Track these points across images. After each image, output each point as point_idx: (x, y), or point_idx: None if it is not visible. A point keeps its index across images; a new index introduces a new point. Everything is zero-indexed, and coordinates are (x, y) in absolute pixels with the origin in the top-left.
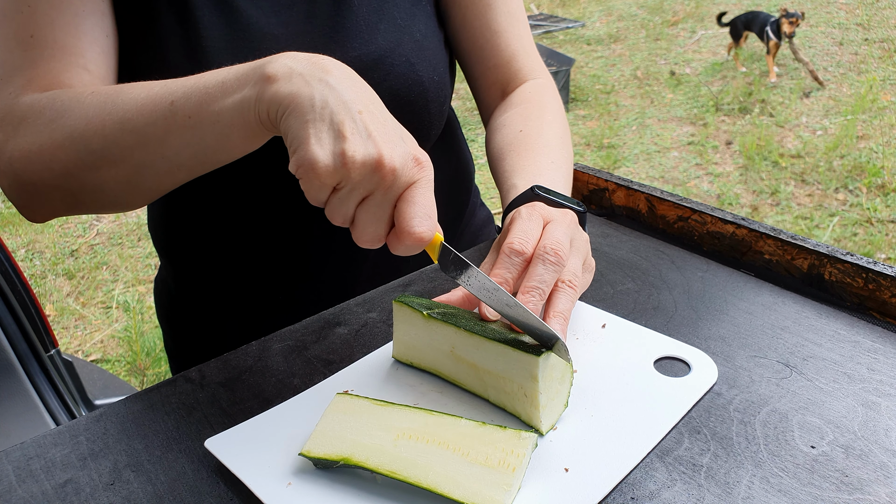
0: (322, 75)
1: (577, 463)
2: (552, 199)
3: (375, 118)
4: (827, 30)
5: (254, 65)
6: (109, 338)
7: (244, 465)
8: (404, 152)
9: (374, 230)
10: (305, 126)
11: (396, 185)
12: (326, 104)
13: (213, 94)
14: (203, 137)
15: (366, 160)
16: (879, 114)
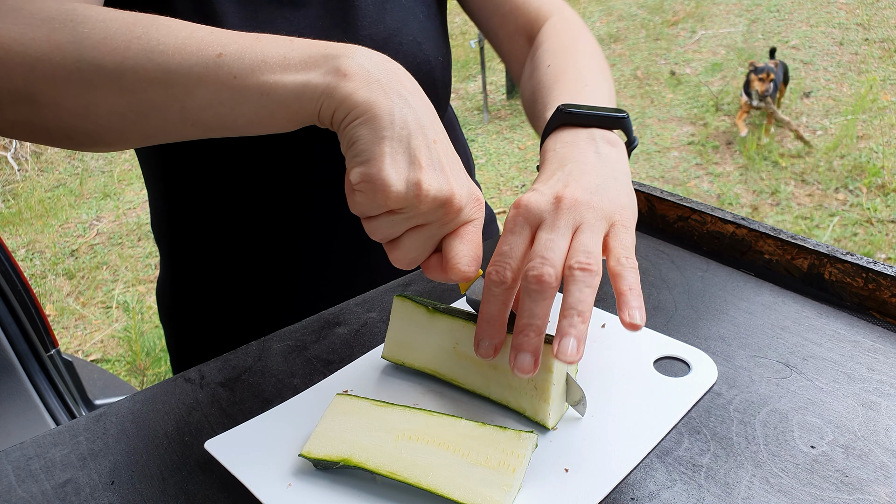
0: (400, 89)
1: (576, 463)
2: (584, 115)
3: (447, 151)
4: (827, 30)
5: (323, 51)
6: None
7: (244, 467)
8: (470, 191)
9: (416, 256)
10: (381, 143)
11: (456, 221)
12: (406, 124)
13: (272, 64)
14: (241, 103)
15: (438, 195)
16: (879, 114)
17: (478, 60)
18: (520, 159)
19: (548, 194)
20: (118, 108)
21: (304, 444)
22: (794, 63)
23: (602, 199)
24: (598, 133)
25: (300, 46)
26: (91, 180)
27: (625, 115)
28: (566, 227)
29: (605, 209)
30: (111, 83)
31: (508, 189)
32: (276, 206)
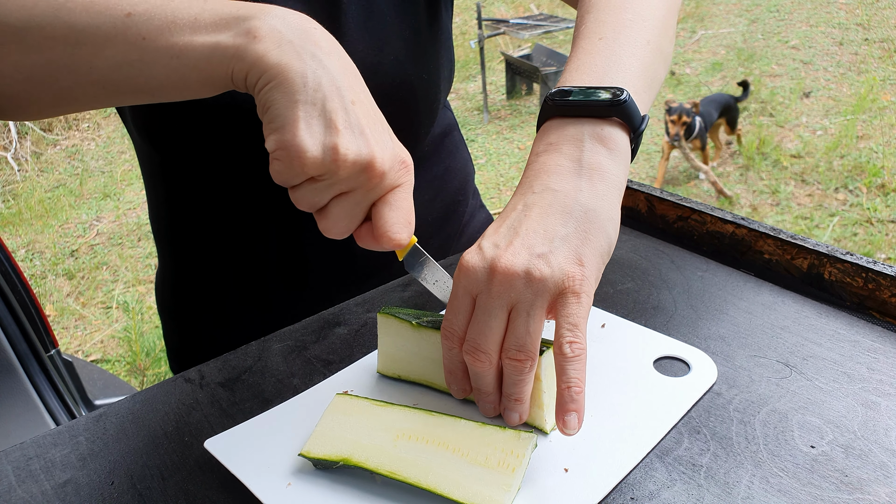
0: (314, 49)
1: (576, 463)
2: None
3: (368, 112)
4: (827, 30)
5: (236, 12)
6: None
7: (244, 466)
8: (393, 154)
9: (346, 224)
10: (294, 107)
11: (381, 186)
12: (320, 86)
13: (182, 25)
14: (151, 65)
15: (357, 159)
16: (879, 114)
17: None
18: (520, 159)
19: (488, 257)
20: (24, 68)
21: (304, 443)
22: (793, 63)
23: (549, 265)
24: (588, 130)
25: (213, 7)
26: (91, 180)
27: (623, 98)
28: (500, 308)
29: (550, 279)
30: (17, 41)
31: (508, 189)
32: (275, 205)
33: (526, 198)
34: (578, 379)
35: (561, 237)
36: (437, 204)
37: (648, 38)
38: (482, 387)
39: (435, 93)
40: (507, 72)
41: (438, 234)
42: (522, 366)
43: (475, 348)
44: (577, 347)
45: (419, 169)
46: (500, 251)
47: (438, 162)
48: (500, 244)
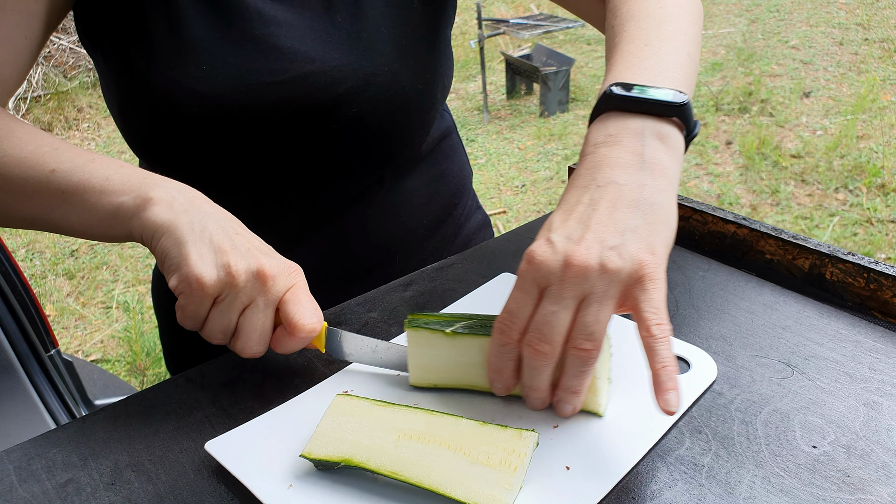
0: (198, 210)
1: (577, 461)
2: (634, 101)
3: (251, 240)
4: (827, 30)
5: (139, 179)
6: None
7: (245, 468)
8: (280, 261)
9: (259, 336)
10: (185, 246)
11: (276, 289)
12: (205, 228)
13: (94, 185)
14: (68, 214)
15: (248, 269)
16: (879, 114)
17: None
18: (520, 159)
19: (560, 251)
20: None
21: (305, 444)
22: (793, 63)
23: (622, 257)
24: (649, 126)
25: (122, 173)
26: None
27: (685, 101)
28: (571, 299)
29: (623, 270)
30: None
31: (508, 189)
32: (273, 209)
33: (591, 191)
34: (670, 358)
35: (631, 229)
36: (434, 206)
37: (689, 50)
38: (537, 382)
39: (431, 101)
40: (507, 72)
41: (434, 236)
42: (588, 356)
43: (540, 339)
44: (665, 328)
45: (415, 172)
46: (573, 245)
47: (435, 165)
48: (573, 237)
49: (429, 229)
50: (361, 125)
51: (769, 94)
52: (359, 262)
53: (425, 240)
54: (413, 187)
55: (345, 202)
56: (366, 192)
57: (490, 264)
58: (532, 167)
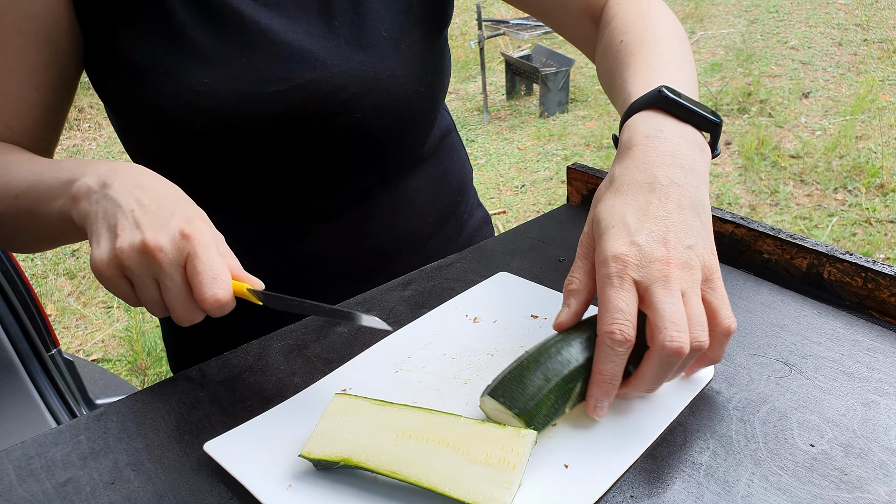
0: (104, 191)
1: (576, 459)
2: (684, 107)
3: (147, 209)
4: (826, 30)
5: (68, 174)
6: (110, 337)
7: (244, 468)
8: (170, 231)
9: (183, 308)
10: (91, 236)
11: (170, 262)
12: (106, 213)
13: (43, 197)
14: (43, 227)
15: (132, 246)
16: (878, 114)
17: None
18: (520, 159)
19: (652, 252)
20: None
21: (304, 444)
22: (793, 63)
23: (699, 255)
24: (690, 133)
25: (60, 176)
26: None
27: (720, 120)
28: (678, 292)
29: (699, 269)
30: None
31: (508, 189)
32: (273, 209)
33: (658, 191)
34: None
35: (696, 230)
36: (437, 205)
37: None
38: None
39: (432, 102)
40: (506, 72)
41: (438, 233)
42: (702, 350)
43: (679, 332)
44: (733, 324)
45: (418, 172)
46: (661, 245)
47: (437, 163)
48: (656, 237)
49: (433, 227)
50: (364, 130)
51: (768, 95)
52: (364, 262)
53: (430, 238)
54: (416, 187)
55: (348, 203)
56: (369, 192)
57: (489, 263)
58: (532, 167)
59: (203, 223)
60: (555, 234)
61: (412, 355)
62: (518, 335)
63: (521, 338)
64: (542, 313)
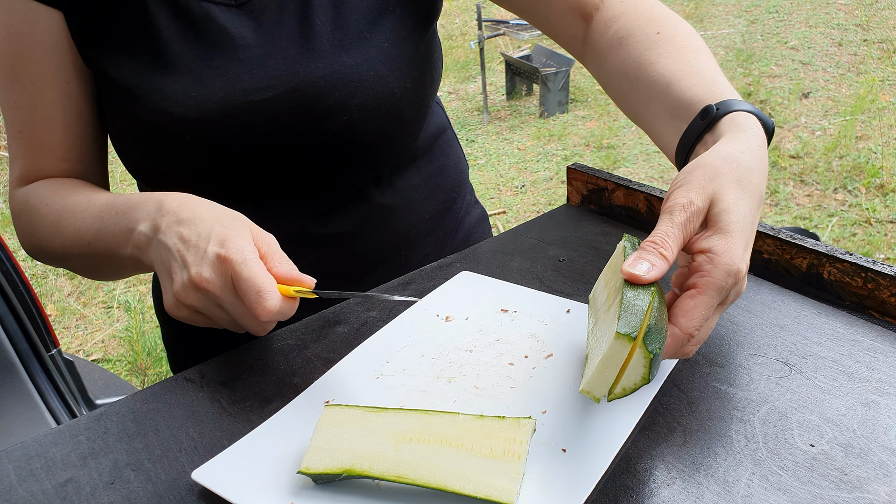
0: (156, 236)
1: (573, 443)
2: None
3: (189, 244)
4: (826, 30)
5: (127, 225)
6: (110, 337)
7: (240, 492)
8: (209, 260)
9: (250, 323)
10: (161, 283)
11: (220, 288)
12: (161, 259)
13: (111, 245)
14: (122, 266)
15: (184, 285)
16: (878, 114)
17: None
18: (519, 160)
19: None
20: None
21: (300, 460)
22: (792, 63)
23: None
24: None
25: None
26: None
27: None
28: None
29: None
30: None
31: (508, 189)
32: (272, 213)
33: (760, 204)
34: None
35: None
36: (434, 202)
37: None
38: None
39: (421, 98)
40: (506, 72)
41: (435, 231)
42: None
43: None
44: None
45: (413, 169)
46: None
47: (433, 160)
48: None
49: (430, 225)
50: (353, 131)
51: (768, 95)
52: (362, 260)
53: (427, 235)
54: (412, 184)
55: (343, 203)
56: (363, 192)
57: (489, 263)
58: (532, 168)
59: (236, 240)
60: (555, 234)
61: (390, 359)
62: (492, 330)
63: (496, 332)
64: (512, 307)
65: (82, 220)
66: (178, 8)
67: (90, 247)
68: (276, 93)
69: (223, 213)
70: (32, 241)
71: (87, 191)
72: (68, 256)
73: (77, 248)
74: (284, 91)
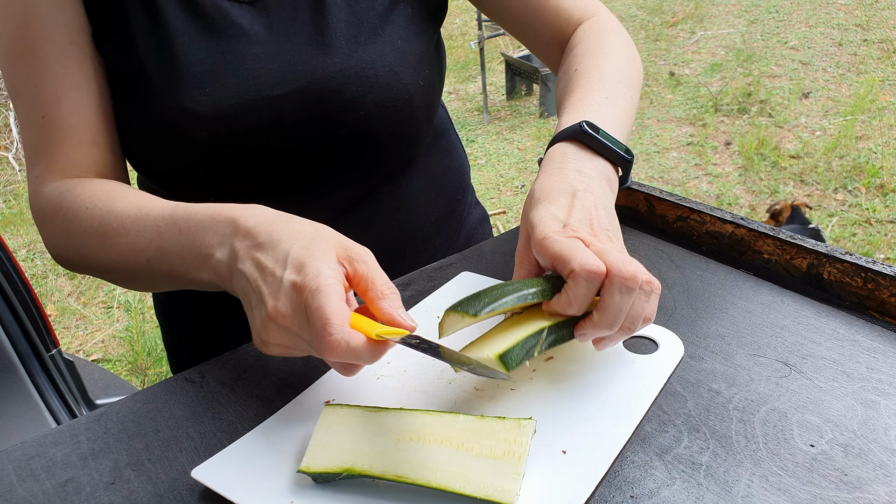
0: (235, 264)
1: (573, 445)
2: (596, 140)
3: (265, 272)
4: (826, 30)
5: (200, 251)
6: (110, 337)
7: (239, 491)
8: (285, 290)
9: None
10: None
11: (296, 321)
12: (244, 292)
13: (179, 267)
14: (195, 286)
15: (263, 321)
16: (878, 114)
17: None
18: (519, 160)
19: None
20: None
21: (300, 459)
22: (793, 63)
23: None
24: (601, 164)
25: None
26: None
27: (631, 158)
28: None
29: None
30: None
31: (508, 189)
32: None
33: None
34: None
35: (613, 225)
36: (439, 203)
37: (632, 113)
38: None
39: (432, 96)
40: (506, 73)
41: (440, 232)
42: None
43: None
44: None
45: (419, 169)
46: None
47: (437, 161)
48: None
49: (435, 226)
50: (368, 127)
51: (768, 95)
52: None
53: (432, 237)
54: (418, 185)
55: (354, 203)
56: (374, 191)
57: (489, 263)
58: (532, 168)
59: (314, 264)
60: None
61: (391, 361)
62: None
63: None
64: None
65: (136, 233)
66: (189, 3)
67: (149, 265)
68: (292, 88)
69: (303, 229)
70: (68, 249)
71: (132, 196)
72: (117, 270)
73: (131, 265)
74: (301, 86)
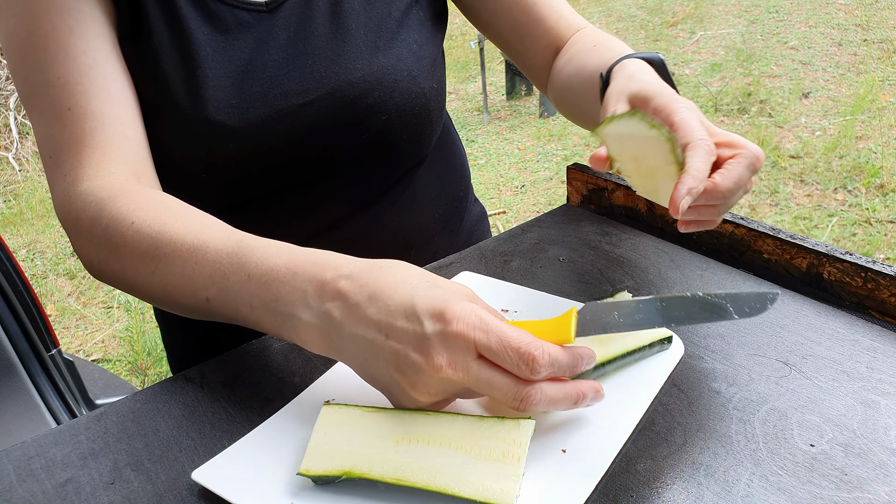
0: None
1: (573, 444)
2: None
3: (393, 330)
4: (826, 30)
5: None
6: (110, 337)
7: (239, 493)
8: (432, 331)
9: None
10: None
11: (454, 357)
12: (364, 359)
13: (247, 315)
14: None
15: (426, 386)
16: (878, 114)
17: (478, 61)
18: (519, 160)
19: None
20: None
21: (300, 460)
22: (792, 63)
23: None
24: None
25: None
26: None
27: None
28: None
29: None
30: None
31: (508, 189)
32: (296, 210)
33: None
34: None
35: None
36: (443, 200)
37: None
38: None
39: (442, 97)
40: (506, 73)
41: (443, 230)
42: None
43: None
44: None
45: (425, 167)
46: None
47: (441, 160)
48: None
49: (440, 223)
50: (390, 131)
51: (768, 95)
52: (376, 257)
53: (437, 232)
54: (424, 182)
55: (368, 202)
56: (387, 190)
57: (489, 263)
58: (532, 168)
59: (454, 306)
60: (555, 234)
61: None
62: None
63: None
64: (512, 307)
65: (194, 267)
66: (209, 14)
67: (208, 304)
68: (318, 95)
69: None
70: (110, 265)
71: (185, 216)
72: (167, 302)
73: (188, 300)
74: (326, 92)
